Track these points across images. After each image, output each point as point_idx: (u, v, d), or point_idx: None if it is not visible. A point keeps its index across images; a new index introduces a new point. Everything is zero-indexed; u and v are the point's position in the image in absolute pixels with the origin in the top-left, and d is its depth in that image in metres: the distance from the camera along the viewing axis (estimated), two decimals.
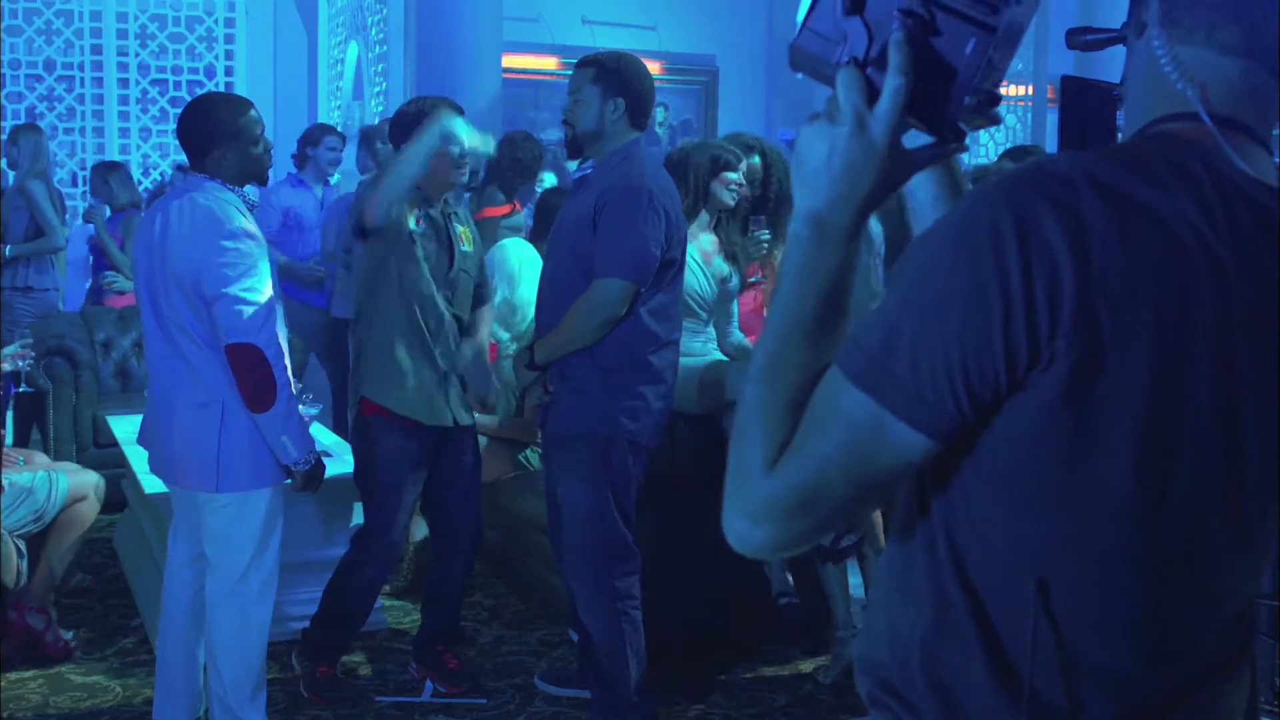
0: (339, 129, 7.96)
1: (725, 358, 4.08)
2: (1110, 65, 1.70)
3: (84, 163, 10.00)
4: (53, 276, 6.71)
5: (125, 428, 4.58)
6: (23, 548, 3.98)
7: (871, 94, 1.06)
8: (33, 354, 4.08)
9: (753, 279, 4.38)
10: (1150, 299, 1.01)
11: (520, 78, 10.39)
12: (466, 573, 3.90)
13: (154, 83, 10.20)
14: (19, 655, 3.99)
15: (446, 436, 3.71)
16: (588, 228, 3.33)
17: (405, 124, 3.61)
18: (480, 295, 3.89)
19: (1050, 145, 7.80)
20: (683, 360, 3.71)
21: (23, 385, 4.01)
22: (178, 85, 10.15)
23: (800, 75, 1.13)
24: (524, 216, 6.29)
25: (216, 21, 10.35)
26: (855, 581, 4.05)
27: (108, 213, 7.14)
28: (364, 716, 3.68)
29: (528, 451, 4.69)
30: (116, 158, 9.21)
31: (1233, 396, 1.05)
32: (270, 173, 3.41)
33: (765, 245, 4.27)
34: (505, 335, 4.66)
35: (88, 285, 7.48)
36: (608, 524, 3.40)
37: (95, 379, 5.89)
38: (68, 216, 7.21)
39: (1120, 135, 1.59)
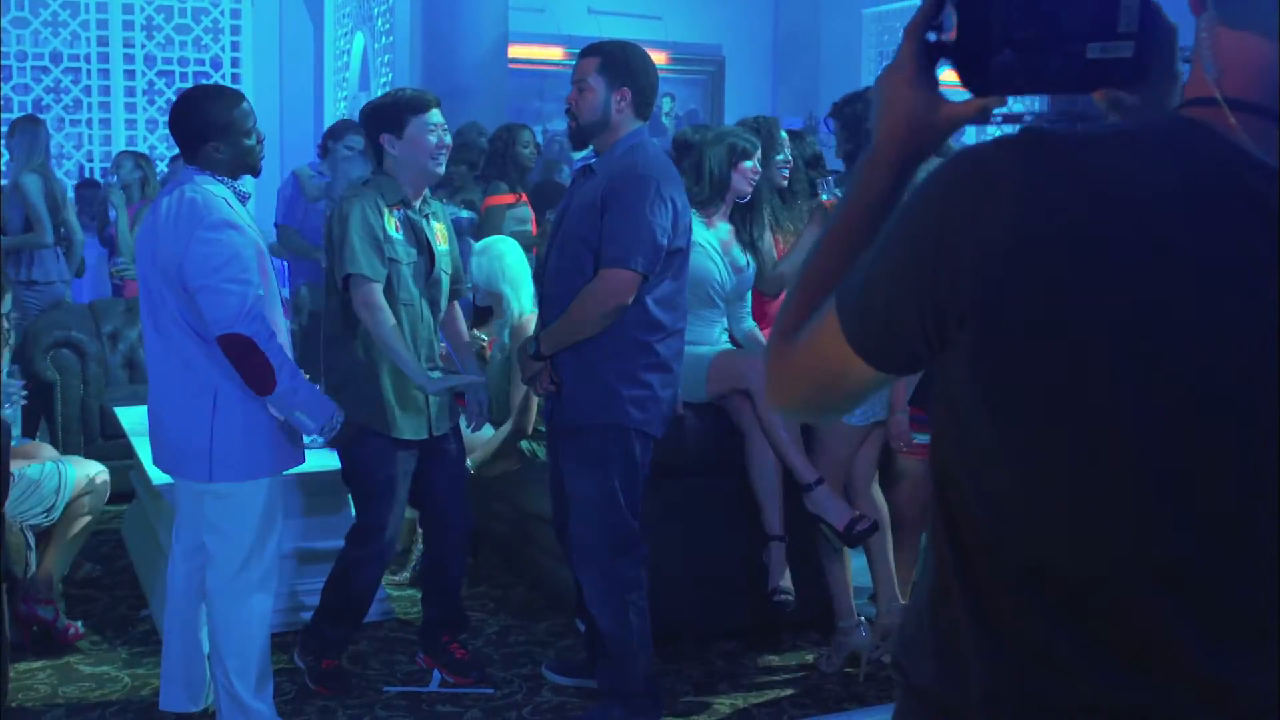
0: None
1: (734, 346, 4.07)
2: None
3: (91, 154, 10.02)
4: (59, 268, 6.71)
5: (133, 419, 4.59)
6: (31, 540, 3.99)
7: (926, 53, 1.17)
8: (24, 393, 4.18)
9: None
10: (1078, 274, 1.00)
11: (526, 68, 10.38)
12: (461, 559, 3.91)
13: (160, 74, 10.21)
14: (28, 646, 4.00)
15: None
16: (593, 217, 3.32)
17: (381, 116, 3.61)
18: (455, 290, 3.89)
19: None
20: (692, 349, 3.70)
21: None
22: (184, 77, 10.16)
23: (800, 67, 1.18)
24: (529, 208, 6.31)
25: (223, 13, 10.36)
26: (859, 565, 4.05)
27: (123, 200, 7.15)
28: (372, 707, 3.68)
29: (531, 443, 4.69)
30: (124, 149, 9.21)
31: (1193, 383, 1.00)
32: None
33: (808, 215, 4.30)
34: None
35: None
36: (615, 514, 3.39)
37: (103, 370, 5.91)
38: (74, 210, 7.20)
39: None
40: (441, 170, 3.67)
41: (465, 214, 6.06)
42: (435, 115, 3.60)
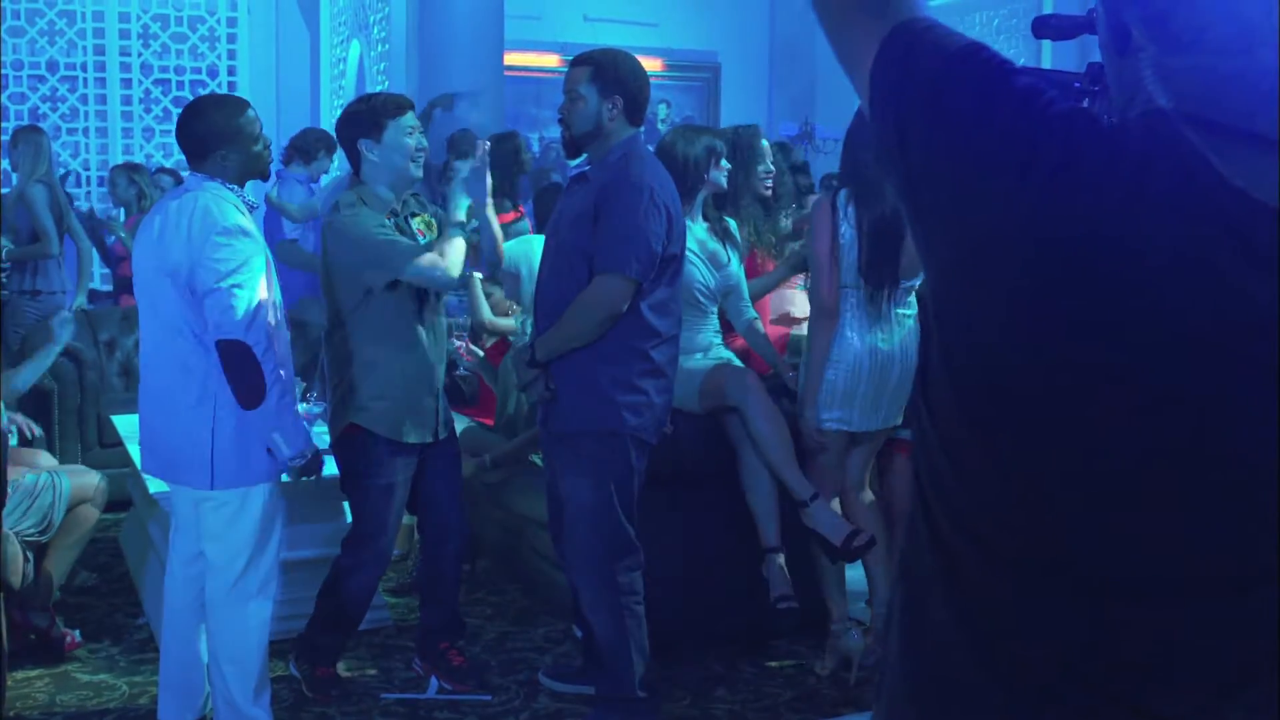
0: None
1: (730, 355, 4.07)
2: None
3: (87, 163, 10.03)
4: (60, 279, 6.72)
5: (130, 426, 4.58)
6: (27, 550, 3.99)
7: None
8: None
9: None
10: (1060, 250, 1.02)
11: (522, 75, 10.40)
12: (458, 564, 3.92)
13: (157, 83, 10.23)
14: (25, 654, 4.00)
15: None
16: (587, 224, 3.34)
17: (357, 121, 3.63)
18: None
19: None
20: (684, 363, 3.71)
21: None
22: (180, 85, 10.18)
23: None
24: (528, 221, 6.31)
25: (219, 21, 10.38)
26: (856, 575, 4.06)
27: (122, 216, 7.15)
28: (369, 714, 3.69)
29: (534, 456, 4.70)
30: (120, 158, 9.22)
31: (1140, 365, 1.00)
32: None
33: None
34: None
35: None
36: (611, 520, 3.41)
37: (100, 378, 5.91)
38: (75, 218, 7.21)
39: None
40: (419, 173, 3.67)
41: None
42: (411, 118, 3.62)
